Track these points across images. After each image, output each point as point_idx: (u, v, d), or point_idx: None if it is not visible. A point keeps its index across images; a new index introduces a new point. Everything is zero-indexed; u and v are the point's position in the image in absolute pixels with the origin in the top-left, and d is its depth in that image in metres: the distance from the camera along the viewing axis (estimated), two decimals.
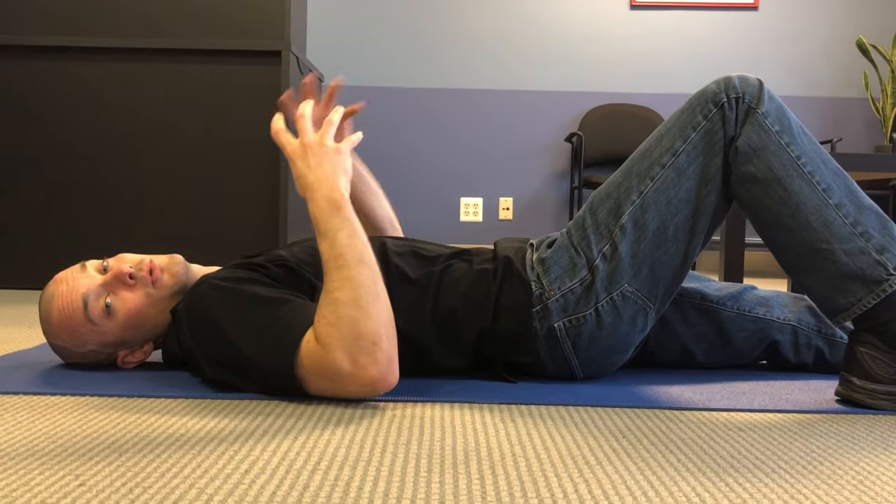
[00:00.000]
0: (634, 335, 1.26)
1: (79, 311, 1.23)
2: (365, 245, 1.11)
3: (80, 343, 1.27)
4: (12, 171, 2.76)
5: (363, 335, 1.05)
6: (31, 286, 2.77)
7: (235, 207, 2.77)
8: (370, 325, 1.06)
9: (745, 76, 1.23)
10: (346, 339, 1.05)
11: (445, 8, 4.41)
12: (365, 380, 1.06)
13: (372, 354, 1.06)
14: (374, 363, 1.06)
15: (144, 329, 1.27)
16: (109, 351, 1.29)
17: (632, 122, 4.34)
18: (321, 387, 1.10)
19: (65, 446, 0.90)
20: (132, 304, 1.24)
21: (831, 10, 4.43)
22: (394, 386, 1.09)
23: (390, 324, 1.09)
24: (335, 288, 1.08)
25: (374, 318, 1.06)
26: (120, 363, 1.31)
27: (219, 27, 2.76)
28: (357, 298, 1.07)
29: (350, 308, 1.06)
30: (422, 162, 4.43)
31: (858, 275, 1.14)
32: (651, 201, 1.22)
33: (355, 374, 1.06)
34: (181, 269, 1.27)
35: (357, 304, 1.06)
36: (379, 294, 1.09)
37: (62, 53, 2.75)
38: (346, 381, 1.07)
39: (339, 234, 1.10)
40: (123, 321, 1.24)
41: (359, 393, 1.09)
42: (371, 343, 1.06)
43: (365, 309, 1.06)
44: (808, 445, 0.97)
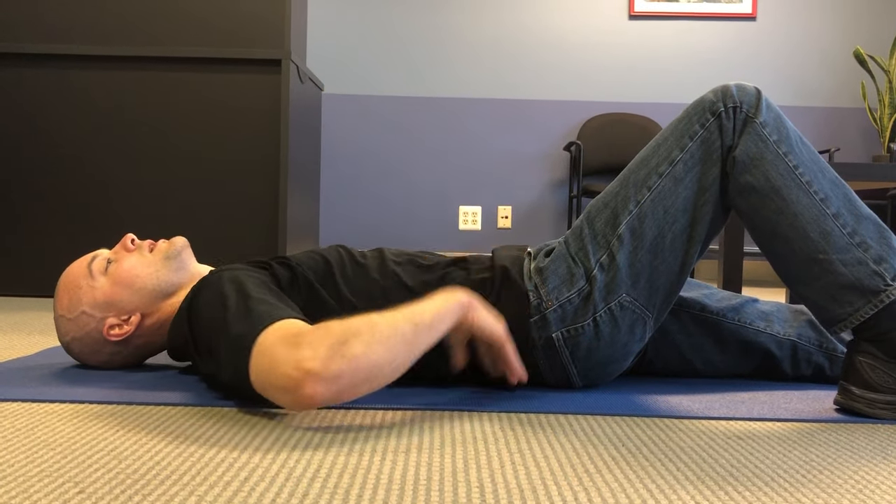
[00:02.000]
0: (633, 344, 1.26)
1: (84, 265, 1.33)
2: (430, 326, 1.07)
3: (75, 304, 1.31)
4: (12, 178, 2.76)
5: (347, 344, 0.98)
6: (30, 293, 2.77)
7: (235, 216, 2.77)
8: (360, 348, 0.99)
9: (743, 85, 1.23)
10: (335, 332, 0.98)
11: (445, 18, 4.43)
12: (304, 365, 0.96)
13: (333, 358, 0.97)
14: (326, 363, 0.96)
15: (133, 289, 1.31)
16: (99, 315, 1.31)
17: (630, 132, 4.35)
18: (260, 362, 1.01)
19: (64, 454, 0.90)
20: (127, 262, 1.33)
21: (829, 20, 4.45)
22: (309, 406, 0.98)
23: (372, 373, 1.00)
24: (378, 312, 1.05)
25: (368, 350, 0.99)
26: (105, 333, 1.31)
27: (219, 36, 2.77)
28: (377, 327, 1.01)
29: (364, 325, 1.01)
30: (421, 170, 4.44)
31: (856, 285, 1.14)
32: (648, 211, 1.23)
33: (303, 355, 0.97)
34: (180, 240, 1.36)
35: (371, 328, 1.01)
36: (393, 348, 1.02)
37: (61, 61, 2.76)
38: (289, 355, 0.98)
39: (429, 302, 1.09)
40: (115, 277, 1.31)
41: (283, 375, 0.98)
42: (343, 354, 0.97)
43: (373, 336, 1.00)
44: (808, 454, 0.97)
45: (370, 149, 4.43)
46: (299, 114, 2.95)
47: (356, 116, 4.43)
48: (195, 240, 2.77)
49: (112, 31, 2.77)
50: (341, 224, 4.43)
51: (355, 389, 1.00)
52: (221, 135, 2.77)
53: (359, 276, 1.28)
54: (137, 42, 2.77)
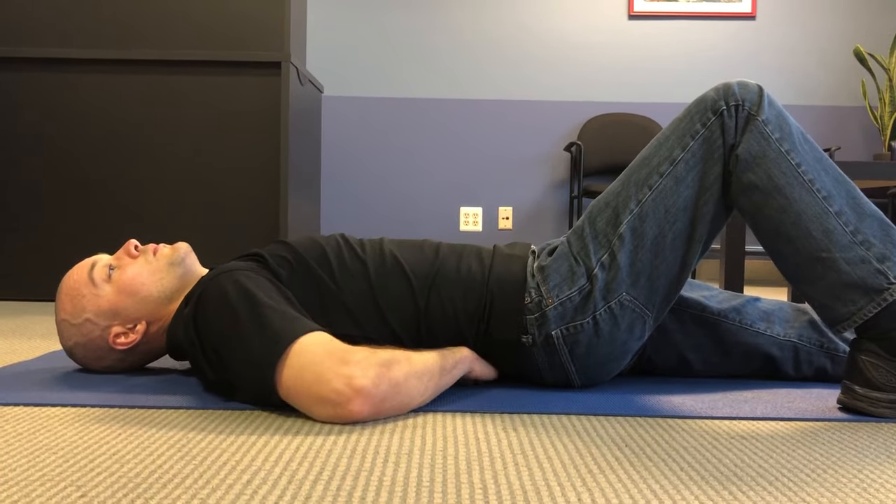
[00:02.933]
0: (632, 343, 1.26)
1: (85, 273, 1.32)
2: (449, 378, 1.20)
3: (79, 311, 1.30)
4: (12, 182, 2.76)
5: (392, 369, 1.08)
6: (31, 298, 2.77)
7: (235, 218, 2.77)
8: (401, 375, 1.09)
9: (745, 82, 1.22)
10: (381, 358, 1.07)
11: (444, 19, 4.43)
12: (356, 383, 1.03)
13: (382, 380, 1.06)
14: (376, 382, 1.05)
15: (138, 298, 1.29)
16: (104, 323, 1.30)
17: (631, 132, 4.35)
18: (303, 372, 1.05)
19: (66, 458, 0.90)
20: (130, 269, 1.32)
21: (828, 19, 4.45)
22: (354, 419, 1.05)
23: (406, 399, 1.10)
24: (410, 350, 1.15)
25: (408, 378, 1.09)
26: (111, 341, 1.31)
27: (219, 38, 2.77)
28: (414, 361, 1.12)
29: (403, 359, 1.10)
30: (421, 172, 4.44)
31: (859, 283, 1.14)
32: (649, 210, 1.22)
33: (354, 373, 1.03)
34: (183, 246, 1.35)
35: (410, 362, 1.11)
36: (422, 384, 1.12)
37: (60, 65, 2.76)
38: (340, 372, 1.03)
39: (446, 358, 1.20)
40: (120, 285, 1.30)
41: (334, 391, 1.03)
42: (389, 378, 1.07)
43: (412, 368, 1.11)
44: (811, 454, 0.97)
45: (370, 151, 4.43)
46: (299, 116, 2.95)
47: (356, 118, 4.43)
48: (195, 242, 2.77)
49: (111, 34, 2.77)
50: (342, 226, 4.43)
51: (389, 412, 1.09)
52: (221, 137, 2.77)
53: (355, 258, 1.29)
54: (137, 45, 2.77)
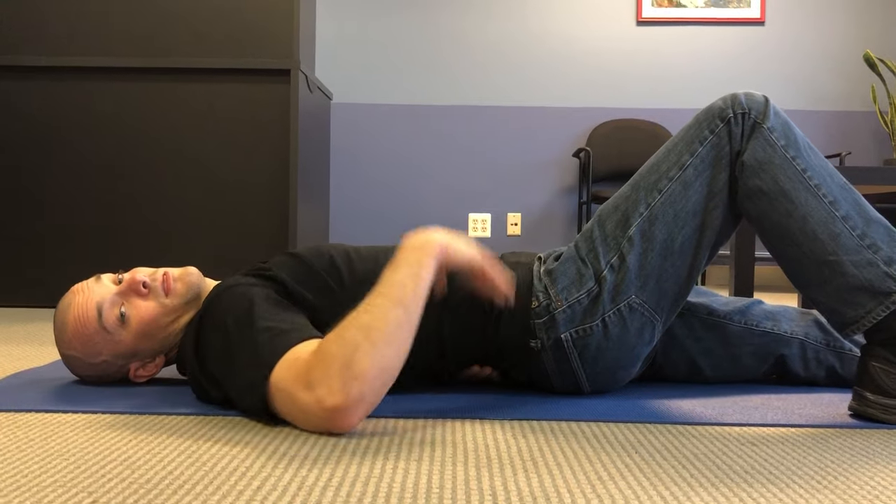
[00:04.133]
0: (641, 347, 1.26)
1: (93, 320, 1.24)
2: (416, 294, 1.06)
3: (94, 353, 1.26)
4: (27, 191, 2.78)
5: (353, 364, 0.99)
6: (43, 304, 2.78)
7: (245, 225, 2.78)
8: (366, 360, 0.99)
9: (751, 93, 1.24)
10: (337, 357, 1.00)
11: (453, 26, 4.44)
12: (327, 404, 0.99)
13: (347, 385, 0.99)
14: (343, 392, 0.99)
15: (157, 339, 1.27)
16: (122, 363, 1.29)
17: (639, 138, 4.35)
18: (285, 402, 1.04)
19: (77, 464, 0.91)
20: (145, 312, 1.24)
21: (838, 24, 4.44)
22: (349, 428, 1.02)
23: (386, 374, 1.02)
24: (362, 309, 1.04)
25: (374, 357, 1.00)
26: (132, 376, 1.31)
27: (228, 46, 2.79)
28: (372, 330, 1.01)
29: (359, 334, 1.01)
30: (430, 178, 4.45)
31: (867, 287, 1.14)
32: (659, 213, 1.23)
33: (320, 395, 0.99)
34: (195, 279, 1.28)
35: (367, 334, 1.01)
36: (397, 340, 1.03)
37: (68, 73, 2.78)
38: (310, 398, 1.00)
39: (403, 268, 1.08)
40: (137, 329, 1.24)
41: (314, 415, 1.01)
42: (353, 375, 0.99)
43: (373, 342, 1.01)
44: (823, 460, 0.97)
45: (379, 157, 4.44)
46: (308, 123, 2.96)
47: (365, 125, 4.44)
48: (204, 249, 2.78)
49: (120, 42, 2.79)
50: (350, 232, 4.44)
51: (379, 395, 1.03)
52: (231, 144, 2.79)
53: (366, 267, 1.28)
54: (146, 53, 2.79)
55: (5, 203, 2.78)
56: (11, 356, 1.72)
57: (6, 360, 1.67)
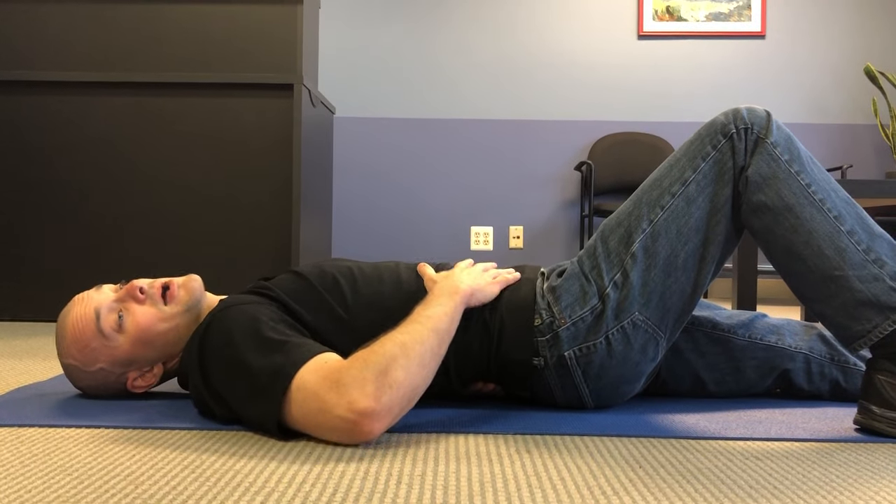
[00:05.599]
0: (645, 364, 1.26)
1: (91, 324, 1.24)
2: (447, 329, 1.14)
3: (91, 360, 1.26)
4: (28, 206, 2.79)
5: (389, 373, 1.03)
6: (44, 319, 2.78)
7: (248, 239, 2.79)
8: (401, 373, 1.03)
9: (753, 107, 1.24)
10: (373, 364, 1.03)
11: (455, 39, 4.46)
12: (357, 406, 1.00)
13: (381, 391, 1.01)
14: (376, 397, 1.01)
15: (155, 347, 1.26)
16: (119, 371, 1.28)
17: (641, 151, 4.36)
18: (307, 405, 1.04)
19: (81, 479, 0.90)
20: (143, 318, 1.24)
21: (838, 37, 4.45)
22: (369, 438, 1.03)
23: (414, 392, 1.07)
24: (399, 331, 1.09)
25: (408, 372, 1.04)
26: (129, 386, 1.30)
27: (231, 60, 2.80)
28: (408, 348, 1.06)
29: (396, 348, 1.05)
30: (432, 191, 4.45)
31: (873, 301, 1.14)
32: (661, 229, 1.23)
33: (352, 397, 1.00)
34: (197, 285, 1.29)
35: (404, 350, 1.06)
36: (427, 365, 1.08)
37: (68, 88, 2.79)
38: (340, 398, 1.01)
39: (436, 307, 1.15)
40: (134, 335, 1.24)
41: (340, 417, 1.01)
42: (388, 384, 1.02)
43: (408, 358, 1.05)
44: (828, 474, 0.96)
45: (382, 171, 4.45)
46: (311, 137, 2.97)
47: (368, 139, 4.46)
48: (206, 265, 2.78)
49: (123, 56, 2.81)
50: (353, 246, 4.44)
51: (402, 412, 1.06)
52: (234, 159, 2.79)
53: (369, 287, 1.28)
54: (148, 68, 2.81)
55: (6, 218, 2.79)
56: (14, 370, 1.72)
57: (9, 374, 1.67)
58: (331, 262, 1.32)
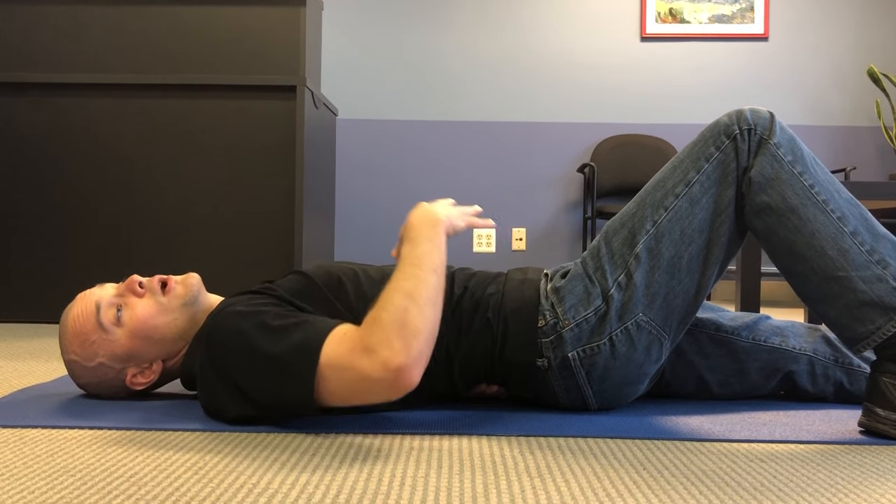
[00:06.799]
0: (649, 365, 1.26)
1: (91, 318, 1.27)
2: (442, 262, 1.15)
3: (91, 354, 1.27)
4: (28, 205, 2.79)
5: (407, 324, 1.05)
6: (46, 320, 2.79)
7: (250, 241, 2.79)
8: (418, 318, 1.06)
9: (757, 109, 1.24)
10: (389, 323, 1.05)
11: (457, 42, 4.46)
12: (392, 364, 1.03)
13: (408, 343, 1.04)
14: (406, 351, 1.04)
15: (153, 341, 1.27)
16: (119, 366, 1.29)
17: (644, 153, 4.35)
18: (343, 380, 1.06)
19: (84, 480, 0.90)
20: (141, 311, 1.27)
21: (841, 39, 4.45)
22: (411, 388, 1.06)
23: (434, 331, 1.09)
24: (399, 278, 1.11)
25: (423, 315, 1.07)
26: (129, 383, 1.30)
27: (234, 63, 2.81)
28: (415, 293, 1.08)
29: (405, 299, 1.07)
30: (435, 193, 4.45)
31: (877, 302, 1.13)
32: (665, 231, 1.23)
33: (384, 357, 1.03)
34: (195, 282, 1.31)
35: (412, 297, 1.08)
36: (436, 302, 1.10)
37: (76, 90, 2.80)
38: (373, 363, 1.04)
39: (424, 242, 1.16)
40: (132, 329, 1.26)
41: (382, 380, 1.04)
42: (412, 334, 1.05)
43: (418, 304, 1.07)
44: (832, 476, 0.96)
45: (384, 173, 4.46)
46: (314, 139, 2.97)
47: (370, 141, 4.46)
48: (208, 267, 2.78)
49: (126, 59, 2.81)
50: (356, 248, 4.44)
51: (430, 350, 1.09)
52: (236, 161, 2.80)
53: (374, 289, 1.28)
54: (151, 70, 2.81)
55: (7, 220, 2.79)
56: (17, 372, 1.72)
57: (12, 375, 1.67)
58: (336, 265, 1.33)
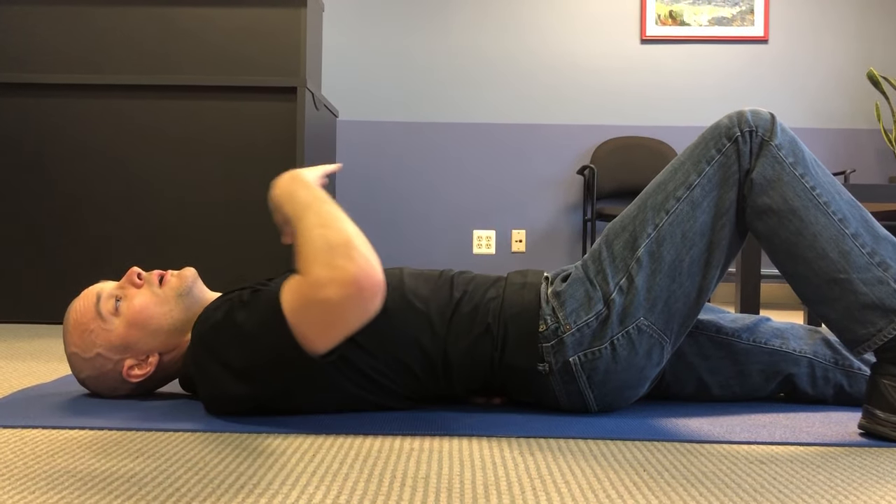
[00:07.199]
0: (650, 369, 1.26)
1: (91, 307, 1.31)
2: (326, 196, 1.16)
3: (89, 344, 1.30)
4: (28, 205, 2.79)
5: (333, 244, 1.07)
6: (47, 321, 2.79)
7: (250, 242, 2.79)
8: (338, 234, 1.07)
9: (758, 110, 1.24)
10: (318, 252, 1.06)
11: (458, 43, 4.47)
12: (346, 278, 1.04)
13: (347, 255, 1.05)
14: (350, 261, 1.05)
15: (148, 331, 1.29)
16: (116, 357, 1.30)
17: (644, 155, 4.36)
18: (313, 318, 1.08)
19: (84, 481, 0.90)
20: (138, 301, 1.30)
21: (841, 42, 4.45)
22: (381, 285, 1.07)
23: (358, 232, 1.10)
24: (301, 225, 1.12)
25: (341, 229, 1.08)
26: (125, 375, 1.31)
27: (235, 64, 2.81)
28: (321, 221, 1.10)
29: (316, 229, 1.09)
30: (435, 195, 4.46)
31: (878, 304, 1.14)
32: (666, 234, 1.23)
33: (335, 278, 1.04)
34: (190, 274, 1.35)
35: (322, 225, 1.09)
36: (344, 217, 1.12)
37: (76, 91, 2.80)
38: (329, 290, 1.05)
39: (299, 191, 1.17)
40: (129, 318, 1.29)
41: (346, 298, 1.05)
42: (343, 247, 1.06)
43: (330, 225, 1.09)
44: (832, 479, 0.96)
45: (384, 174, 4.46)
46: (314, 141, 2.97)
47: (370, 142, 4.46)
48: (209, 266, 2.79)
49: (126, 60, 2.81)
50: None
51: (370, 248, 1.10)
52: (236, 162, 2.80)
53: None
54: (153, 71, 2.81)
55: (6, 221, 2.79)
56: (17, 372, 1.72)
57: (12, 375, 1.67)
58: None
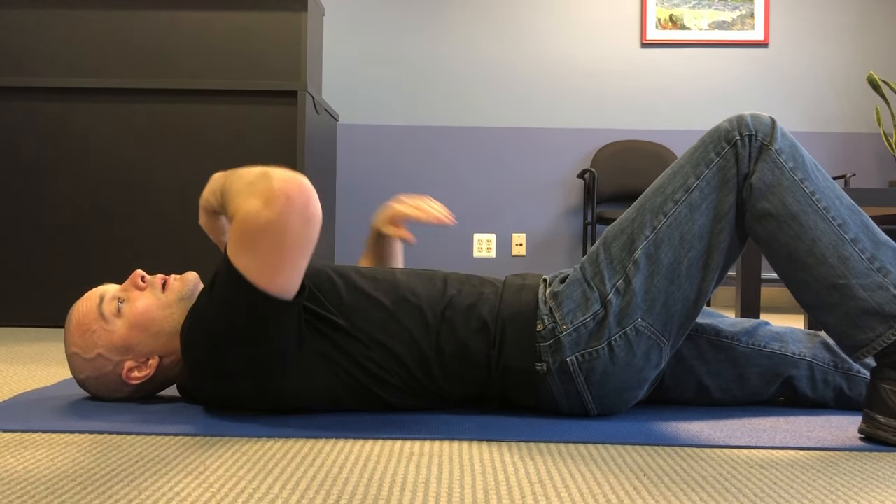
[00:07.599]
0: (648, 371, 1.26)
1: (94, 308, 1.32)
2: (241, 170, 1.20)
3: (90, 345, 1.30)
4: (29, 209, 2.79)
5: (250, 180, 1.12)
6: (48, 324, 2.79)
7: None
8: (252, 173, 1.13)
9: (758, 114, 1.24)
10: (241, 193, 1.12)
11: (459, 47, 4.47)
12: (272, 195, 1.09)
13: (266, 179, 1.10)
14: (269, 180, 1.10)
15: (150, 333, 1.30)
16: (117, 358, 1.30)
17: (644, 159, 4.36)
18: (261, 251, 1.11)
19: (84, 485, 0.90)
20: (141, 303, 1.31)
21: (841, 45, 4.46)
22: (308, 190, 1.11)
23: (275, 168, 1.14)
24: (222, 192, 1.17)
25: (255, 170, 1.13)
26: (125, 377, 1.31)
27: (235, 67, 2.81)
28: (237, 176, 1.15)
29: (235, 183, 1.15)
30: (435, 198, 4.46)
31: (877, 310, 1.13)
32: (664, 236, 1.23)
33: (263, 200, 1.09)
34: (192, 278, 1.36)
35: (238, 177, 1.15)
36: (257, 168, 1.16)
37: (77, 94, 2.80)
38: (262, 215, 1.09)
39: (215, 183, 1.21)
40: (131, 320, 1.30)
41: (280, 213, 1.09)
42: (260, 177, 1.11)
43: (245, 173, 1.14)
44: (833, 483, 0.96)
45: (385, 178, 4.46)
46: (315, 144, 2.98)
47: (370, 146, 4.47)
48: (210, 269, 2.79)
49: (127, 63, 2.82)
50: (357, 252, 4.45)
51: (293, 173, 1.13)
52: (237, 165, 2.80)
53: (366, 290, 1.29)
54: (153, 75, 2.81)
55: (7, 224, 2.79)
56: (18, 376, 1.72)
57: (12, 379, 1.67)
58: (327, 264, 1.35)
